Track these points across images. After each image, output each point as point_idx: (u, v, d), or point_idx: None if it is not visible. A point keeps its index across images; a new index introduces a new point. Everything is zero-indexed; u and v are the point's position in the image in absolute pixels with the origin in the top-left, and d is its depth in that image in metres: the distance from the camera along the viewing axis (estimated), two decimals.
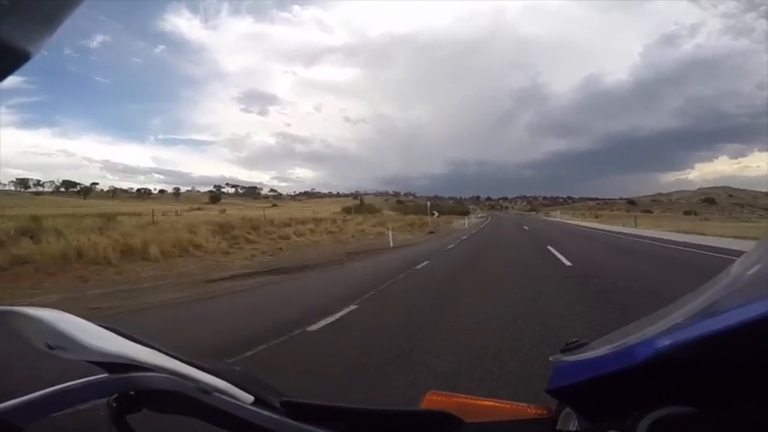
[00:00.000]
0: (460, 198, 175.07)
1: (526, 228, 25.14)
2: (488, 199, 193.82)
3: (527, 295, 4.72)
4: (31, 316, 0.40)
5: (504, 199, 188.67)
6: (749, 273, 0.38)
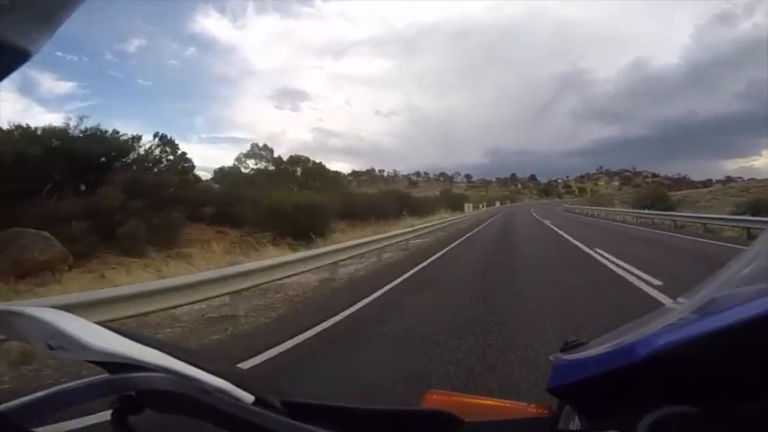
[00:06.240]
0: (485, 179, 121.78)
1: None
2: (533, 180, 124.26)
3: None
4: (31, 315, 0.40)
5: (565, 179, 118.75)
6: (747, 271, 0.38)
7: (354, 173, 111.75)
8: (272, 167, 34.79)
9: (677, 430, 0.32)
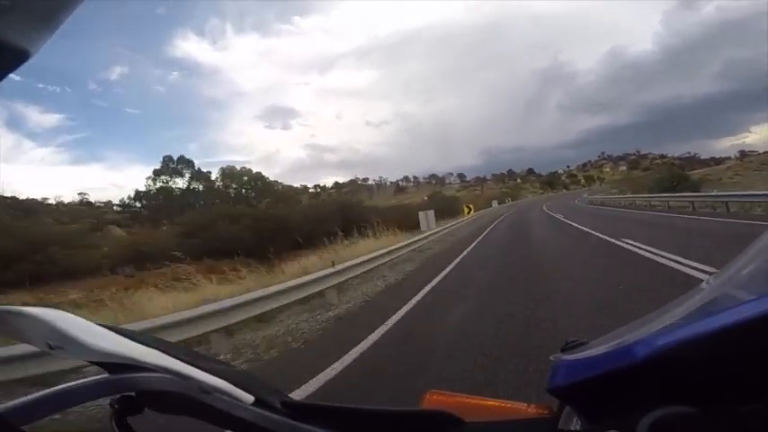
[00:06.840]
0: (482, 178, 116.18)
1: None
2: (532, 173, 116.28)
3: None
4: (31, 315, 0.40)
5: (566, 169, 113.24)
6: (747, 270, 0.38)
7: (337, 184, 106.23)
8: (197, 185, 29.93)
9: (677, 430, 0.32)
